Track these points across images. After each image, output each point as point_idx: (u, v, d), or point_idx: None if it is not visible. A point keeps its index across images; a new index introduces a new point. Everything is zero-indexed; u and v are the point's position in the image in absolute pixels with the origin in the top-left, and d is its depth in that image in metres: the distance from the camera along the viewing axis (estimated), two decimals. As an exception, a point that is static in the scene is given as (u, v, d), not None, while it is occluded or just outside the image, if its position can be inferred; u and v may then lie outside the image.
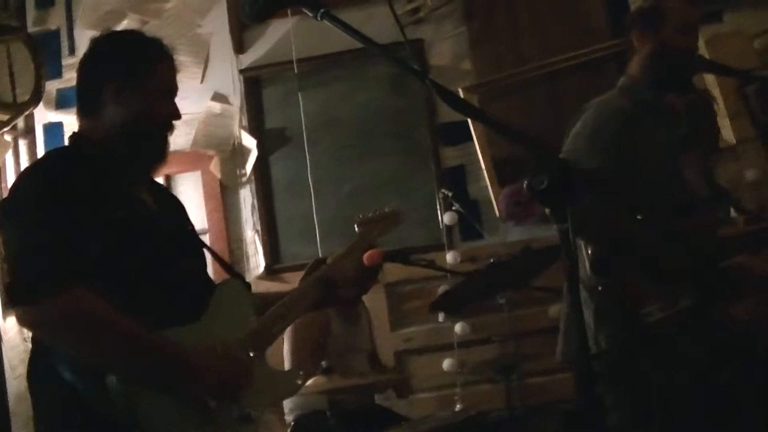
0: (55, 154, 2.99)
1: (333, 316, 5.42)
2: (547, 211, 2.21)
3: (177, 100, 3.05)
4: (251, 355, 2.90)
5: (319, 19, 2.41)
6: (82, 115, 3.00)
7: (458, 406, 6.13)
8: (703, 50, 6.20)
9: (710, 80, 6.34)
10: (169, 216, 3.08)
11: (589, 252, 3.55)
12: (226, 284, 3.08)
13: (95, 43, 3.04)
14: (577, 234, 3.55)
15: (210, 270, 3.22)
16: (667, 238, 3.58)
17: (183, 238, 3.10)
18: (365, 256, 3.30)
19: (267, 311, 3.06)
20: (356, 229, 3.34)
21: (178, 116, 3.02)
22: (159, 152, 3.00)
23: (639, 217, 3.54)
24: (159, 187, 3.23)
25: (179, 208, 3.25)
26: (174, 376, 2.68)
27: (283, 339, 5.40)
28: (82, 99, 3.00)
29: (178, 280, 2.87)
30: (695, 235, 3.69)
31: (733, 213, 4.05)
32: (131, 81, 2.92)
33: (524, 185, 2.16)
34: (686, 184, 3.90)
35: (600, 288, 3.51)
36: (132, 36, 3.17)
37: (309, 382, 4.80)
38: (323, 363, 4.78)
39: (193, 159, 6.71)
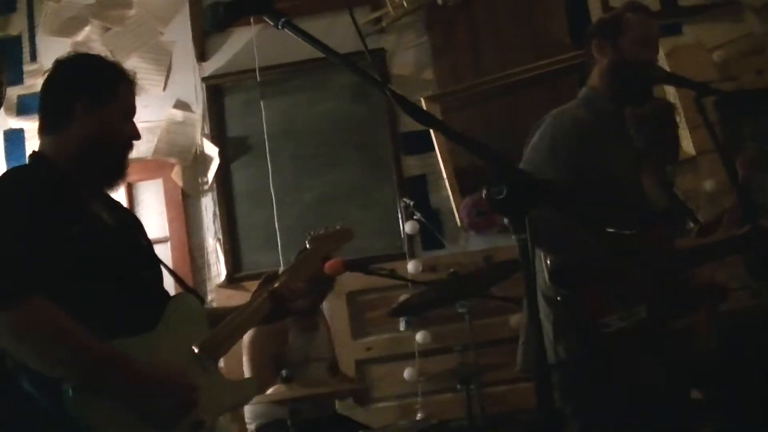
0: (14, 171, 3.08)
1: (291, 326, 5.42)
2: (505, 220, 2.23)
3: (139, 107, 3.16)
4: (204, 367, 2.96)
5: (280, 27, 2.42)
6: (44, 132, 3.09)
7: (419, 415, 6.15)
8: (663, 62, 6.27)
9: (670, 92, 6.40)
10: (124, 231, 3.14)
11: (548, 262, 3.56)
12: (179, 298, 3.14)
13: (60, 64, 3.12)
14: (536, 244, 3.60)
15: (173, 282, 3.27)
16: (626, 249, 3.60)
17: (138, 253, 3.15)
18: (326, 266, 3.35)
19: (219, 324, 3.13)
20: (306, 245, 3.40)
21: (138, 136, 3.14)
22: (119, 170, 3.12)
23: (598, 228, 3.56)
24: (116, 204, 3.28)
25: (136, 224, 3.32)
26: (125, 386, 2.73)
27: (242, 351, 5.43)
28: (46, 117, 3.09)
29: (131, 293, 2.93)
30: (653, 246, 3.71)
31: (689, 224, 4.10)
32: (96, 102, 3.02)
33: (483, 195, 2.17)
34: (645, 195, 3.93)
35: (558, 298, 3.53)
36: (95, 59, 3.25)
37: (269, 391, 4.81)
38: (283, 372, 4.78)
39: (155, 167, 6.69)
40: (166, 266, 3.30)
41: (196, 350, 2.98)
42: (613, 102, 3.87)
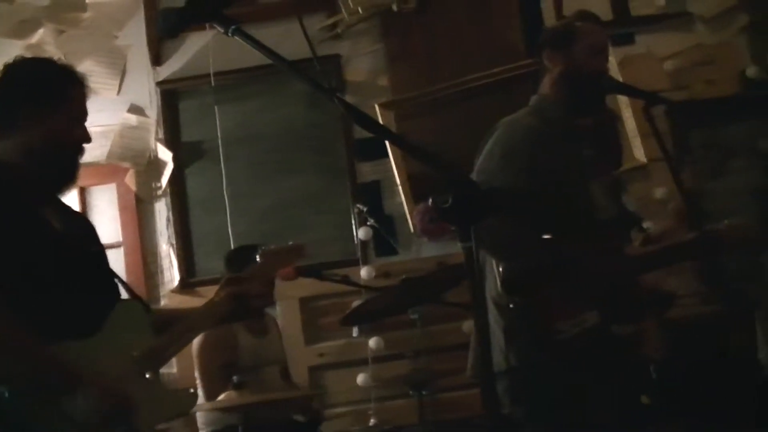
0: None
1: (240, 331, 5.41)
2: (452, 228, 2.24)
3: (93, 111, 3.14)
4: (143, 375, 2.96)
5: (230, 35, 2.43)
6: None
7: (372, 421, 6.15)
8: (615, 71, 6.32)
9: (623, 100, 6.47)
10: (74, 237, 3.12)
11: (500, 269, 3.58)
12: (124, 305, 3.13)
13: (10, 69, 3.10)
14: (487, 251, 3.62)
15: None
16: (576, 256, 3.63)
17: (86, 259, 3.13)
18: (279, 273, 3.36)
19: (165, 331, 3.14)
20: (257, 259, 3.40)
21: (88, 140, 3.11)
22: (68, 175, 3.10)
23: (548, 236, 3.58)
24: (68, 210, 3.26)
25: (87, 230, 3.30)
26: (59, 391, 2.72)
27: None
28: None
29: (76, 299, 2.92)
30: (604, 253, 3.74)
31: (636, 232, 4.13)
32: (46, 106, 3.01)
33: (430, 203, 2.19)
34: (595, 203, 3.95)
35: (510, 305, 3.54)
36: (44, 63, 3.25)
37: (220, 397, 4.81)
38: (234, 378, 4.77)
39: (109, 171, 6.65)
40: (113, 273, 3.29)
41: (135, 360, 2.98)
42: (563, 110, 3.88)
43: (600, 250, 3.72)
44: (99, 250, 3.26)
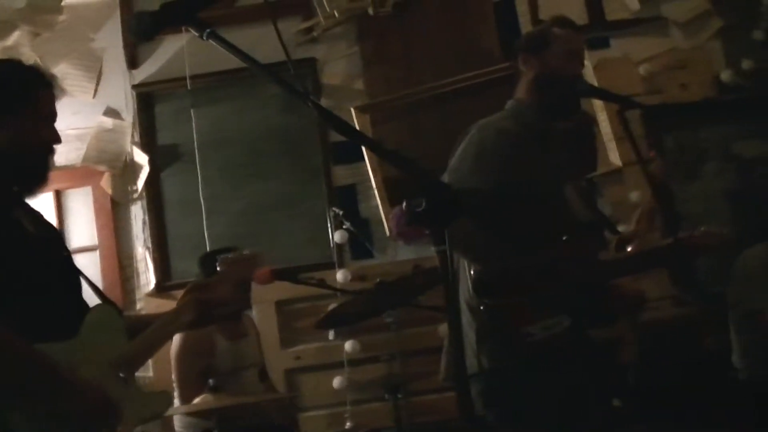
0: None
1: (216, 335, 5.40)
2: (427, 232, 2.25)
3: (69, 114, 3.13)
4: (119, 380, 2.97)
5: (204, 38, 2.43)
6: None
7: (348, 424, 6.16)
8: (590, 75, 6.37)
9: (598, 104, 6.50)
10: (46, 241, 3.11)
11: (472, 272, 3.59)
12: (97, 309, 3.12)
13: None
14: (460, 254, 3.63)
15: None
16: (548, 260, 3.65)
17: (59, 263, 3.13)
18: (255, 276, 3.36)
19: (139, 335, 3.14)
20: (218, 268, 3.38)
21: (58, 140, 3.08)
22: (40, 175, 3.07)
23: (522, 238, 3.59)
24: (36, 214, 3.24)
25: (56, 233, 3.31)
26: (47, 391, 2.72)
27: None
28: None
29: (50, 303, 2.92)
30: (578, 257, 3.76)
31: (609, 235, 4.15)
32: (12, 107, 2.98)
33: (403, 207, 2.20)
34: (570, 207, 3.97)
35: (482, 307, 3.56)
36: (9, 65, 3.21)
37: (196, 401, 4.80)
38: (210, 381, 4.77)
39: (84, 174, 6.61)
40: (85, 277, 3.28)
41: (111, 363, 2.98)
42: (538, 114, 3.90)
43: (574, 253, 3.73)
44: (68, 255, 3.26)
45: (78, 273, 3.22)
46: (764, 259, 5.09)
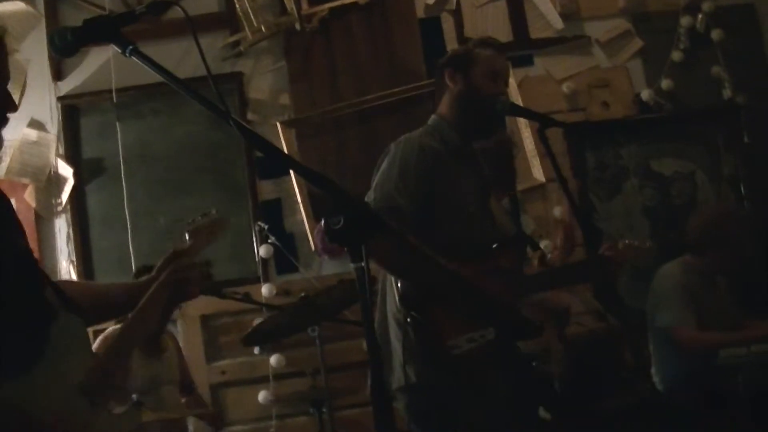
0: None
1: (134, 355, 5.32)
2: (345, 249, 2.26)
3: None
4: (92, 402, 2.87)
5: (127, 55, 2.42)
6: None
7: (273, 439, 6.17)
8: (514, 92, 6.45)
9: (522, 122, 6.60)
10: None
11: (398, 285, 3.61)
12: (62, 322, 2.85)
13: None
14: (383, 269, 3.66)
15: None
16: (469, 275, 3.68)
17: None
18: None
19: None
20: (186, 237, 3.12)
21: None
22: None
23: (443, 253, 3.62)
24: None
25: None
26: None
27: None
28: None
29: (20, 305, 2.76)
30: (503, 270, 3.80)
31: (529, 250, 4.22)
32: None
33: (322, 224, 2.22)
34: (493, 222, 4.02)
35: (408, 320, 3.57)
36: None
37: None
38: (133, 396, 4.75)
39: (7, 187, 6.46)
40: (51, 282, 3.11)
41: (80, 385, 2.68)
42: (460, 131, 3.94)
43: (501, 264, 3.78)
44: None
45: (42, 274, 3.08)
46: (676, 276, 5.18)
